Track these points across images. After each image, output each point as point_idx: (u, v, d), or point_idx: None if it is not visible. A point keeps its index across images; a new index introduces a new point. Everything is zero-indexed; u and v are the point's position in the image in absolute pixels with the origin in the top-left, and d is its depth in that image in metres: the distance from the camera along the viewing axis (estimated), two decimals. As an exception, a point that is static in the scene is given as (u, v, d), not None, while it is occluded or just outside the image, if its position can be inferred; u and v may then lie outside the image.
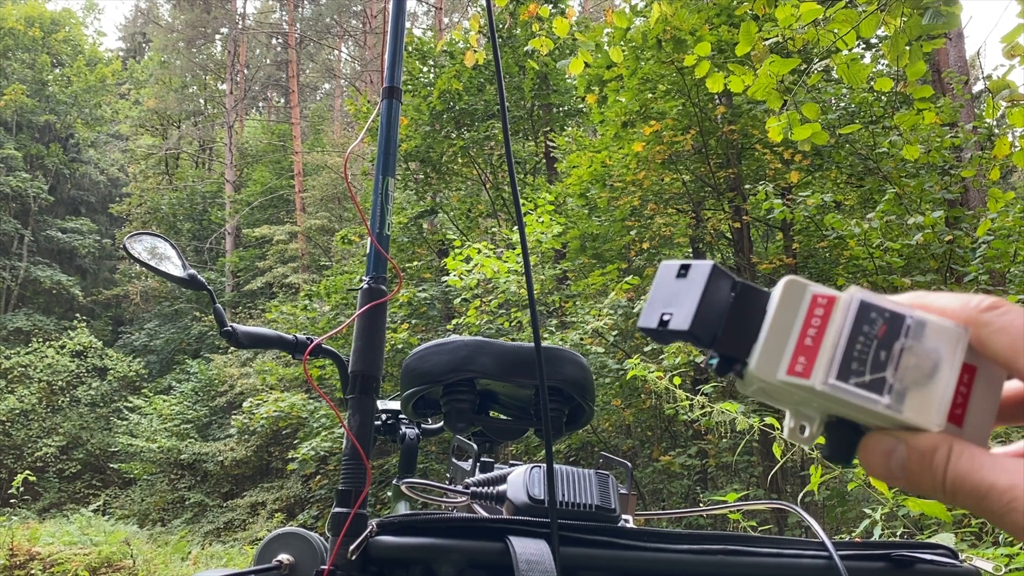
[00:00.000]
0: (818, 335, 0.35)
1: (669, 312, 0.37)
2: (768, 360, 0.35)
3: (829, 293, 0.36)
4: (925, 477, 0.34)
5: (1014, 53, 2.95)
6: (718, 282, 0.37)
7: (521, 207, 1.48)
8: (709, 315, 0.36)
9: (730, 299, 0.37)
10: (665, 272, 0.39)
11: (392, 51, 0.96)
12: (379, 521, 0.74)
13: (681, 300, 0.37)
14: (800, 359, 0.35)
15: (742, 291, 0.37)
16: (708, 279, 0.37)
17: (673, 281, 0.38)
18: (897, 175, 6.83)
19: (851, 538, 2.71)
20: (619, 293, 7.04)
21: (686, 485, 7.41)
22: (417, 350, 1.15)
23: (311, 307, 11.64)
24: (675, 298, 0.37)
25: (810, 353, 0.35)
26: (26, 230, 22.41)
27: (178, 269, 1.17)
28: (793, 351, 0.35)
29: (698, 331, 0.36)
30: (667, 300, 0.38)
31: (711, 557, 0.78)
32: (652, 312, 0.38)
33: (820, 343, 0.35)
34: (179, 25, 27.83)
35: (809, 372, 0.35)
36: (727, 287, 0.37)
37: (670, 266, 0.39)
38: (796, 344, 0.35)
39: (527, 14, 4.96)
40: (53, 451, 18.00)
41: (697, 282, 0.37)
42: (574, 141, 10.06)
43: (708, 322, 0.36)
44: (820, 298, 0.36)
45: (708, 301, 0.36)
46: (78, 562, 8.93)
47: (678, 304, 0.37)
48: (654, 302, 0.38)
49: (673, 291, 0.38)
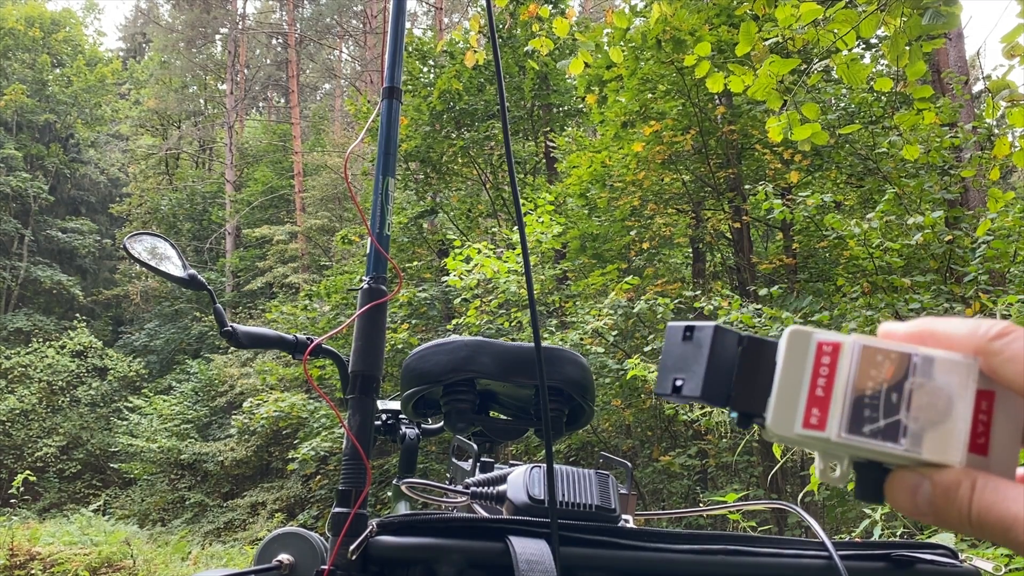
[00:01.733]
0: (828, 384, 0.35)
1: (681, 377, 0.38)
2: (783, 415, 0.36)
3: (833, 340, 0.36)
4: (951, 512, 0.34)
5: (1014, 53, 2.95)
6: (724, 340, 0.37)
7: (521, 207, 1.48)
8: (719, 377, 0.37)
9: (737, 355, 0.37)
10: (672, 335, 0.39)
11: (392, 51, 0.96)
12: (379, 521, 0.74)
13: (690, 364, 0.38)
14: (814, 411, 0.35)
15: (748, 345, 0.37)
16: (713, 342, 0.37)
17: (680, 344, 0.39)
18: (897, 175, 6.83)
19: (851, 538, 2.71)
20: (619, 293, 7.03)
21: (686, 485, 7.40)
22: (417, 350, 1.15)
23: (311, 307, 11.64)
24: (684, 362, 0.38)
25: (822, 404, 0.35)
26: (26, 230, 22.41)
27: (178, 269, 1.17)
28: (806, 404, 0.35)
29: (710, 395, 0.37)
30: (677, 365, 0.38)
31: (711, 557, 0.78)
32: (665, 378, 0.39)
33: (831, 393, 0.35)
34: (179, 25, 27.83)
35: (824, 424, 0.35)
36: (733, 343, 0.37)
37: (675, 329, 0.39)
38: (808, 396, 0.35)
39: (527, 14, 4.96)
40: (53, 451, 17.99)
41: (703, 345, 0.37)
42: (574, 141, 10.06)
43: (719, 384, 0.37)
44: (825, 345, 0.36)
45: (715, 363, 0.37)
46: (78, 562, 8.93)
47: (688, 369, 0.38)
48: (665, 367, 0.39)
49: (681, 355, 0.38)
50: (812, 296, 6.71)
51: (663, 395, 0.39)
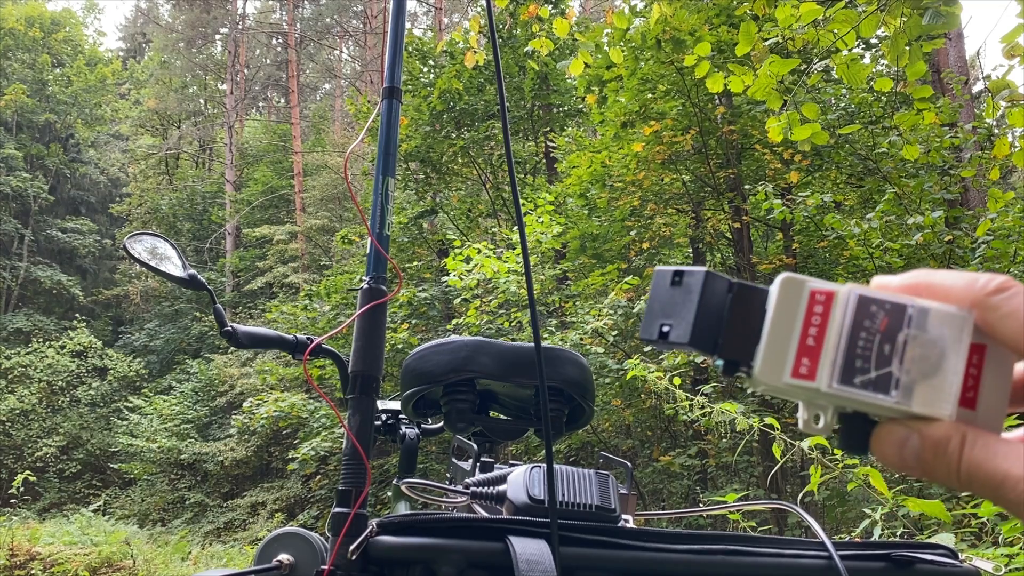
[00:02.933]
0: (819, 334, 0.34)
1: (668, 323, 0.37)
2: (771, 363, 0.35)
3: (827, 288, 0.35)
4: (939, 466, 0.34)
5: (1014, 53, 2.96)
6: (714, 286, 0.36)
7: (521, 207, 1.48)
8: (708, 323, 0.36)
9: (728, 301, 0.36)
10: (659, 280, 0.38)
11: (392, 51, 0.96)
12: (379, 521, 0.74)
13: (679, 310, 0.36)
14: (804, 360, 0.34)
15: (739, 292, 0.36)
16: (703, 286, 0.36)
17: (668, 289, 0.37)
18: (897, 175, 6.83)
19: (851, 538, 2.71)
20: (619, 293, 7.04)
21: (686, 485, 7.41)
22: (417, 350, 1.15)
23: (311, 307, 11.64)
24: (672, 307, 0.37)
25: (813, 353, 0.34)
26: (26, 230, 22.41)
27: (178, 269, 1.17)
28: (796, 352, 0.34)
29: (699, 342, 0.36)
30: (665, 310, 0.37)
31: (711, 557, 0.78)
32: (651, 323, 0.38)
33: (822, 342, 0.34)
34: (179, 25, 27.83)
35: (814, 374, 0.34)
36: (723, 289, 0.36)
37: (664, 273, 0.38)
38: (798, 345, 0.35)
39: (527, 15, 4.96)
40: (53, 451, 18.00)
41: (693, 290, 0.36)
42: (574, 141, 10.06)
43: (708, 330, 0.36)
44: (818, 294, 0.35)
45: (705, 308, 0.36)
46: (78, 562, 8.93)
47: (676, 314, 0.36)
48: (652, 312, 0.38)
49: (669, 300, 0.37)
50: (812, 296, 6.70)
51: (649, 340, 0.38)
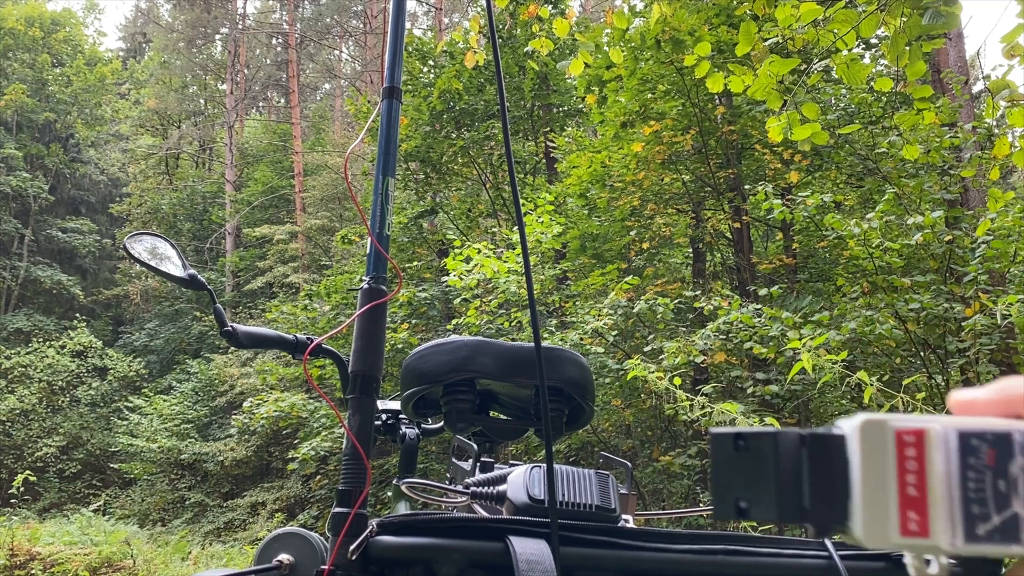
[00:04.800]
0: (920, 482, 0.31)
1: (745, 497, 0.33)
2: (873, 525, 0.31)
3: (914, 427, 0.31)
4: None
5: (1014, 53, 2.95)
6: (785, 446, 0.32)
7: (521, 207, 1.48)
8: (790, 492, 0.32)
9: (803, 459, 0.32)
10: (720, 445, 0.34)
11: (392, 51, 0.96)
12: (379, 521, 0.74)
13: (753, 480, 0.33)
14: (911, 516, 0.31)
15: (812, 444, 0.32)
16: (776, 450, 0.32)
17: (733, 456, 0.34)
18: (897, 175, 6.83)
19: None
20: (619, 293, 7.03)
21: (686, 485, 7.40)
22: (417, 350, 1.15)
23: (311, 307, 11.64)
24: (744, 479, 0.33)
25: (919, 506, 0.31)
26: (26, 230, 22.40)
27: (178, 269, 1.17)
28: (899, 508, 0.31)
29: (787, 515, 0.32)
30: (735, 481, 0.33)
31: (711, 557, 0.78)
32: (724, 498, 0.34)
33: (926, 492, 0.31)
34: (179, 25, 27.82)
35: (927, 530, 0.31)
36: (795, 444, 0.33)
37: (723, 438, 0.34)
38: (899, 498, 0.31)
39: (527, 15, 4.96)
40: (53, 451, 17.99)
41: (765, 456, 0.32)
42: (574, 141, 10.06)
43: (792, 500, 0.32)
44: (906, 435, 0.31)
45: (784, 478, 0.32)
46: (78, 562, 8.92)
47: (752, 486, 0.33)
48: (721, 485, 0.34)
49: (738, 469, 0.33)
50: (812, 296, 6.71)
51: (726, 519, 0.34)
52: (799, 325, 5.29)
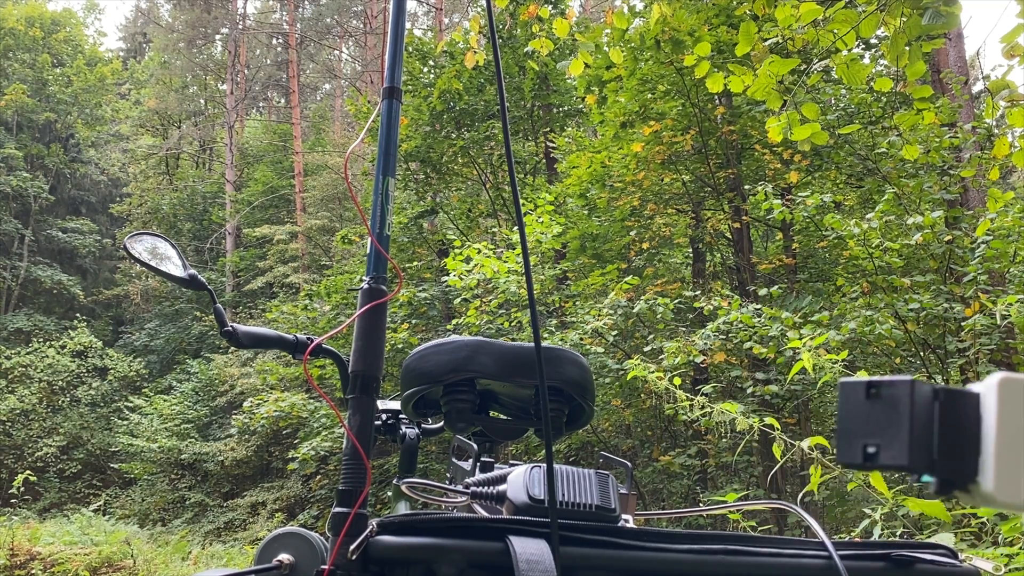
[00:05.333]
0: None
1: (873, 442, 0.33)
2: (1006, 479, 0.31)
3: None
4: None
5: (1014, 53, 2.95)
6: (920, 396, 0.33)
7: (521, 207, 1.48)
8: (920, 441, 0.32)
9: (935, 412, 0.33)
10: (851, 393, 0.34)
11: (392, 51, 0.96)
12: (379, 521, 0.74)
13: (884, 427, 0.33)
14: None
15: (946, 399, 0.33)
16: (912, 397, 0.32)
17: (864, 403, 0.34)
18: (896, 175, 6.83)
19: (851, 538, 2.71)
20: (619, 293, 7.04)
21: (686, 485, 7.40)
22: (417, 350, 1.15)
23: (311, 307, 11.65)
24: (874, 425, 0.33)
25: None
26: (27, 230, 22.41)
27: (178, 269, 1.17)
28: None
29: (917, 463, 0.32)
30: (864, 428, 0.34)
31: (711, 557, 0.78)
32: (850, 443, 0.34)
33: None
34: (179, 25, 27.81)
35: None
36: (928, 398, 0.33)
37: (855, 385, 0.34)
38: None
39: (527, 15, 4.96)
40: (53, 451, 17.99)
41: (899, 403, 0.33)
42: (574, 141, 10.06)
43: (923, 448, 0.32)
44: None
45: (917, 423, 0.32)
46: (79, 562, 8.92)
47: (881, 433, 0.33)
48: (848, 432, 0.34)
49: (868, 415, 0.34)
50: (812, 296, 6.71)
51: (851, 464, 0.34)
52: (799, 325, 5.29)
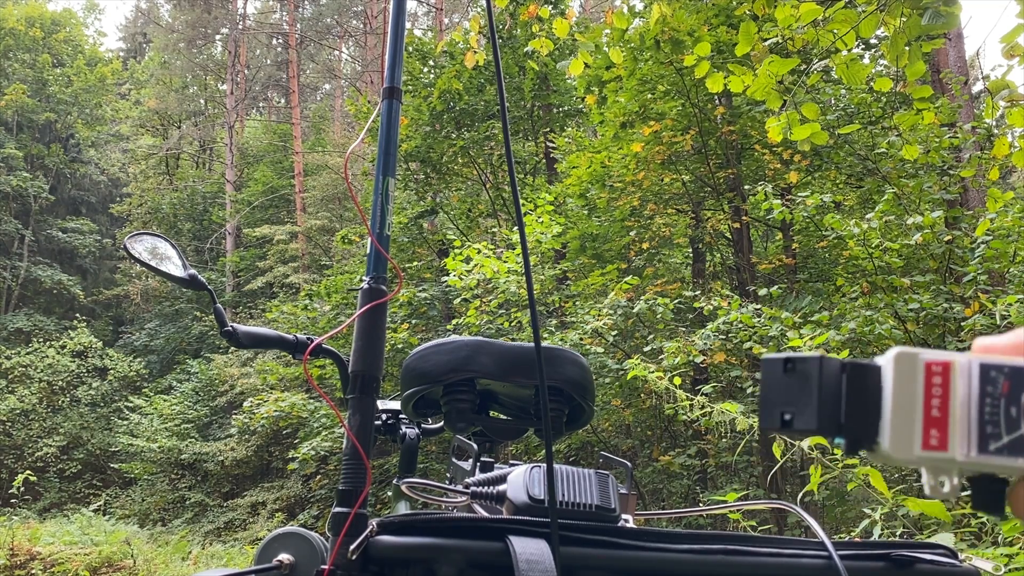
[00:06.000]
0: (943, 404, 0.36)
1: (789, 410, 0.38)
2: (899, 439, 0.36)
3: (942, 359, 0.36)
4: None
5: (1013, 53, 2.96)
6: (828, 369, 0.38)
7: (521, 207, 1.48)
8: (829, 408, 0.37)
9: (842, 382, 0.38)
10: (771, 368, 0.39)
11: (392, 51, 0.96)
12: (379, 521, 0.74)
13: (797, 396, 0.38)
14: (932, 432, 0.36)
15: (852, 371, 0.38)
16: (820, 372, 0.38)
17: (782, 377, 0.39)
18: (896, 175, 6.83)
19: (851, 538, 2.71)
20: (619, 293, 7.04)
21: (686, 485, 7.40)
22: (417, 350, 1.15)
23: (311, 307, 11.65)
24: (790, 395, 0.38)
25: (940, 424, 0.36)
26: (27, 230, 22.40)
27: (178, 269, 1.17)
28: (923, 425, 0.36)
29: (824, 426, 0.37)
30: (782, 397, 0.39)
31: (711, 557, 0.78)
32: (770, 411, 0.39)
33: (948, 413, 0.36)
34: (179, 25, 27.81)
35: (945, 444, 0.36)
36: (836, 370, 0.38)
37: (774, 361, 0.39)
38: (923, 417, 0.36)
39: (527, 15, 4.96)
40: (54, 451, 17.99)
41: (810, 376, 0.38)
42: (574, 141, 10.06)
43: (830, 414, 0.37)
44: (935, 365, 0.36)
45: (824, 394, 0.37)
46: (79, 562, 8.92)
47: (796, 401, 0.38)
48: (768, 401, 0.39)
49: (785, 387, 0.39)
50: (812, 296, 6.71)
51: (770, 429, 0.39)
52: (799, 325, 5.29)
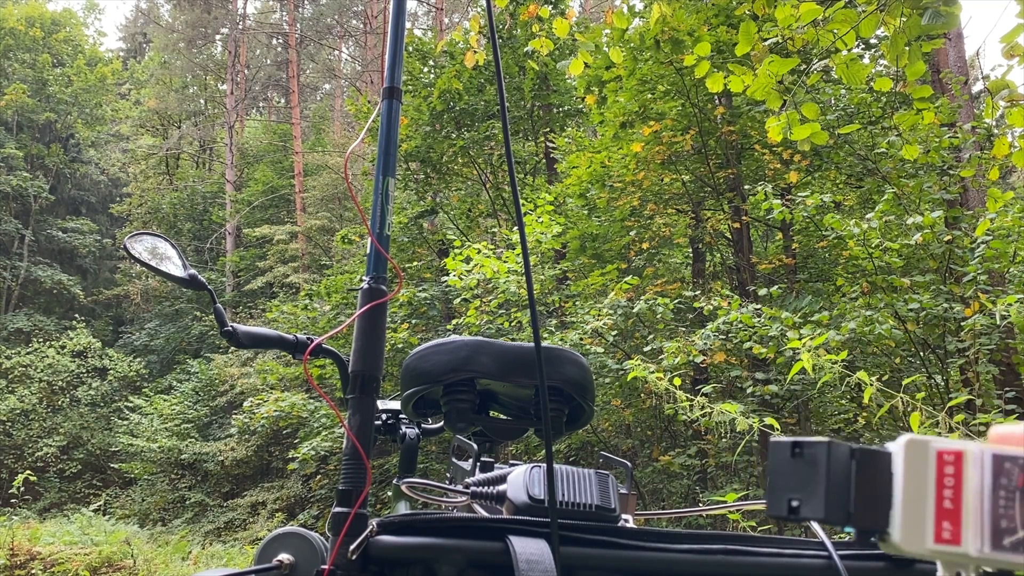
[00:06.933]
0: (955, 496, 0.35)
1: (796, 497, 0.37)
2: (911, 530, 0.35)
3: (954, 448, 0.35)
4: None
5: (1013, 53, 2.96)
6: (836, 455, 0.36)
7: (521, 207, 1.48)
8: (837, 494, 0.36)
9: (852, 469, 0.36)
10: (778, 452, 0.38)
11: (392, 51, 0.96)
12: (379, 521, 0.74)
13: (805, 483, 0.37)
14: (945, 525, 0.34)
15: (862, 458, 0.36)
16: (828, 458, 0.36)
17: (789, 461, 0.38)
18: (896, 175, 6.83)
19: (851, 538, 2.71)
20: (619, 293, 7.03)
21: (686, 485, 7.40)
22: (417, 350, 1.15)
23: (311, 307, 11.65)
24: (797, 481, 0.37)
25: (953, 517, 0.34)
26: (27, 230, 22.41)
27: (178, 269, 1.17)
28: (935, 517, 0.35)
29: (832, 515, 0.36)
30: (789, 483, 0.37)
31: (711, 557, 0.78)
32: (778, 498, 0.38)
33: (961, 505, 0.34)
34: (179, 25, 27.81)
35: (959, 538, 0.34)
36: (845, 456, 0.36)
37: (782, 445, 0.38)
38: (935, 509, 0.35)
39: (527, 15, 4.96)
40: (54, 451, 18.00)
41: (818, 462, 0.36)
42: (574, 141, 10.06)
43: (839, 502, 0.36)
44: (946, 455, 0.35)
45: (832, 481, 0.36)
46: (79, 562, 8.92)
47: (803, 488, 0.37)
48: (776, 487, 0.38)
49: (792, 472, 0.37)
50: (812, 296, 6.71)
51: (778, 516, 0.38)
52: (799, 325, 5.29)
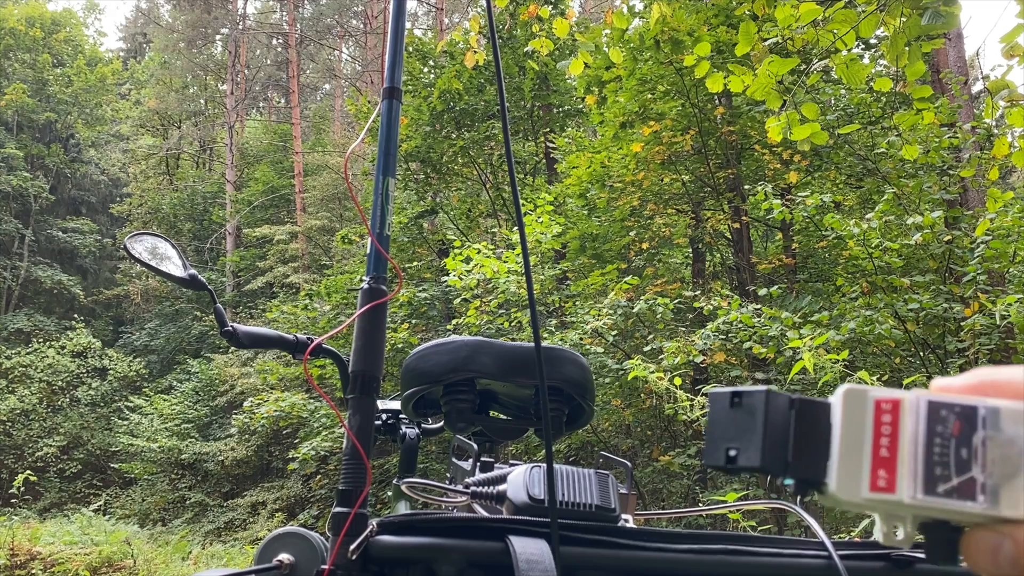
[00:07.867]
0: (892, 444, 0.34)
1: (734, 446, 0.36)
2: (847, 479, 0.34)
3: (891, 396, 0.35)
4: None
5: (1013, 53, 2.96)
6: (775, 405, 0.36)
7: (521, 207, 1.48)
8: (775, 444, 0.36)
9: (791, 419, 0.36)
10: (717, 403, 0.38)
11: (392, 51, 0.96)
12: (379, 521, 0.74)
13: (743, 432, 0.36)
14: (880, 473, 0.34)
15: (800, 408, 0.36)
16: (766, 407, 0.36)
17: (728, 411, 0.37)
18: (896, 175, 6.83)
19: (851, 538, 2.71)
20: (619, 293, 7.03)
21: (686, 485, 7.40)
22: (417, 350, 1.15)
23: (312, 307, 11.65)
24: (735, 430, 0.37)
25: (889, 465, 0.34)
26: (27, 230, 22.41)
27: (179, 269, 1.17)
28: (871, 465, 0.34)
29: (769, 464, 0.35)
30: (727, 433, 0.37)
31: (711, 557, 0.78)
32: (715, 448, 0.37)
33: (896, 453, 0.34)
34: (179, 25, 27.81)
35: (893, 486, 0.34)
36: (784, 406, 0.36)
37: (721, 396, 0.38)
38: (872, 457, 0.34)
39: (527, 15, 4.96)
40: (54, 451, 18.00)
41: (756, 411, 0.36)
42: (574, 142, 10.06)
43: (776, 451, 0.36)
44: (884, 403, 0.35)
45: (771, 430, 0.36)
46: (79, 562, 8.92)
47: (741, 437, 0.36)
48: (714, 437, 0.37)
49: (731, 422, 0.37)
50: (811, 296, 6.71)
51: (715, 466, 0.37)
52: (799, 325, 5.29)
